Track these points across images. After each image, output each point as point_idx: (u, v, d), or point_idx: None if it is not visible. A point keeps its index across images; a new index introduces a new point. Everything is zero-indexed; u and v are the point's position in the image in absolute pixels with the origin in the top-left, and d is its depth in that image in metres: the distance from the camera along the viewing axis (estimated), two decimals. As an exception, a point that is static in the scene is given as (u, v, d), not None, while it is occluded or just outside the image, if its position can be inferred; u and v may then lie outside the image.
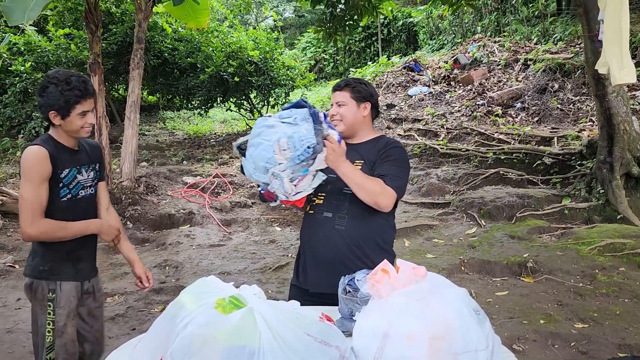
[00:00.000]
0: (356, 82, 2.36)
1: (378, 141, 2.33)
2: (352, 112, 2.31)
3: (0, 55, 8.65)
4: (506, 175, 7.21)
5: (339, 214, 2.23)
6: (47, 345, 2.21)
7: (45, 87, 2.16)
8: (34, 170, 2.14)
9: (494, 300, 4.20)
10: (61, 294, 2.23)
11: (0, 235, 6.30)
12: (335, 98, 2.36)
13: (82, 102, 2.16)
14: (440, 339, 1.34)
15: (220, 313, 1.29)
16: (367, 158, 2.26)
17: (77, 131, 2.22)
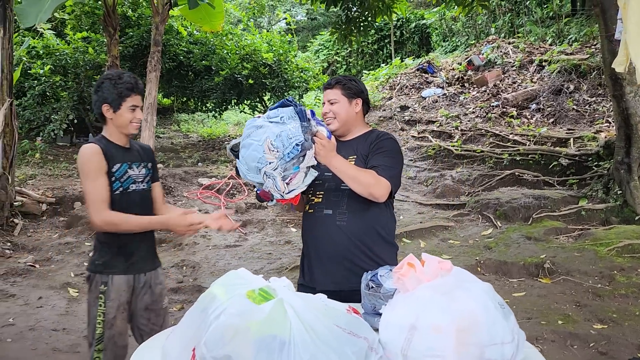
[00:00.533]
0: (346, 79, 2.37)
1: (369, 135, 2.35)
2: (344, 109, 2.33)
3: (20, 58, 8.79)
4: (522, 177, 7.18)
5: (339, 210, 2.25)
6: (97, 337, 2.28)
7: (101, 84, 2.31)
8: (90, 165, 2.25)
9: (511, 301, 4.19)
10: (112, 287, 2.29)
11: (21, 236, 6.41)
12: (326, 96, 2.37)
13: (132, 95, 2.30)
14: (466, 331, 1.36)
15: (252, 303, 1.32)
16: (359, 152, 2.29)
17: (127, 125, 2.31)
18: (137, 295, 2.40)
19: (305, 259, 2.38)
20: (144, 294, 2.41)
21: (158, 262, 2.53)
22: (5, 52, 6.49)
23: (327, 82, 2.41)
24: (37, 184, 7.72)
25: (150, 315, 2.44)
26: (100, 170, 2.25)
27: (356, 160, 2.26)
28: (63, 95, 9.17)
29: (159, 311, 2.47)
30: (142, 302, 2.41)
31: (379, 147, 2.26)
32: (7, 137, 6.53)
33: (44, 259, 5.81)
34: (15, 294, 4.80)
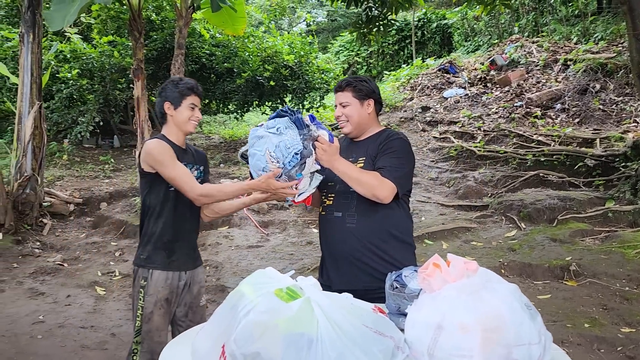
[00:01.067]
0: (356, 80, 2.35)
1: (380, 135, 2.35)
2: (356, 111, 2.32)
3: (49, 62, 8.99)
4: (546, 178, 7.09)
5: (349, 213, 2.27)
6: (136, 329, 2.37)
7: (165, 86, 2.47)
8: (165, 154, 2.33)
9: (536, 304, 4.12)
10: (151, 282, 2.36)
11: (50, 235, 6.56)
12: (338, 99, 2.36)
13: (192, 95, 2.44)
14: (493, 331, 1.36)
15: (280, 301, 1.35)
16: (368, 154, 2.29)
17: (186, 122, 2.43)
18: (178, 295, 2.45)
19: (322, 258, 2.43)
20: (185, 293, 2.47)
21: (199, 260, 2.58)
22: (34, 57, 6.66)
23: (337, 84, 2.40)
24: (65, 185, 7.89)
25: (188, 313, 2.50)
26: (174, 156, 2.34)
27: (365, 161, 2.28)
28: (89, 98, 9.36)
29: (196, 309, 2.53)
30: (183, 299, 2.48)
31: (387, 147, 2.27)
32: (36, 140, 6.70)
33: (72, 258, 5.94)
34: (44, 292, 4.92)
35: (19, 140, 6.61)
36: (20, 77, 6.66)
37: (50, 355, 3.68)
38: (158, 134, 2.52)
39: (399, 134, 2.39)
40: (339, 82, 2.40)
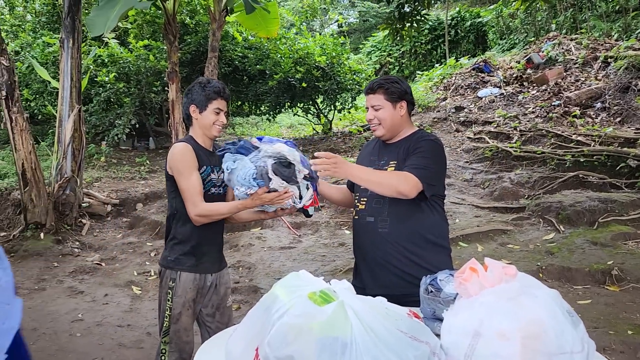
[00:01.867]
0: (388, 82, 2.29)
1: (411, 137, 2.31)
2: (389, 114, 2.27)
3: (88, 67, 9.25)
4: (586, 179, 6.87)
5: (381, 217, 2.24)
6: (164, 329, 2.41)
7: (192, 87, 2.47)
8: (183, 163, 2.36)
9: (575, 309, 3.98)
10: (179, 283, 2.39)
11: (88, 235, 6.73)
12: (369, 101, 2.31)
13: (218, 99, 2.42)
14: (533, 339, 1.31)
15: (314, 304, 1.34)
16: (400, 157, 2.25)
17: (210, 126, 2.42)
18: (204, 295, 2.48)
19: (356, 262, 2.41)
20: (211, 294, 2.50)
21: (224, 262, 2.61)
22: (74, 62, 6.86)
23: (368, 86, 2.34)
24: (102, 186, 8.09)
25: (215, 314, 2.53)
26: (193, 166, 2.36)
27: (396, 165, 2.25)
28: (126, 101, 9.57)
29: (224, 310, 2.56)
30: (210, 301, 2.50)
31: (415, 148, 2.23)
32: (75, 142, 6.89)
33: (109, 257, 6.08)
34: (83, 290, 5.06)
35: (59, 143, 6.81)
36: (61, 81, 6.86)
37: (89, 353, 3.77)
38: (186, 135, 2.54)
39: (431, 135, 2.35)
40: (370, 83, 2.34)
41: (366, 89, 2.35)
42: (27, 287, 5.11)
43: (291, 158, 2.06)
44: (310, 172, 2.12)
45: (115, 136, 9.42)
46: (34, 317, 4.35)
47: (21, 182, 6.24)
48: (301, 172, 2.09)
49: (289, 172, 2.06)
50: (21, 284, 5.16)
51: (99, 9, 5.80)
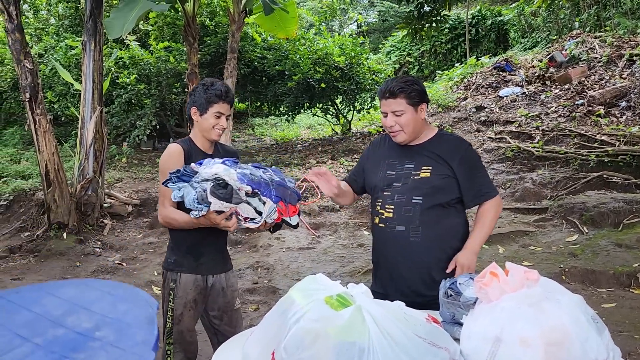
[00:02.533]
0: (408, 85, 2.17)
1: (441, 141, 2.25)
2: (411, 119, 2.18)
3: (109, 69, 9.38)
4: (610, 179, 6.72)
5: (412, 226, 2.17)
6: (167, 331, 2.41)
7: (196, 88, 2.43)
8: (164, 164, 2.36)
9: (600, 313, 3.92)
10: (180, 284, 2.39)
11: (109, 235, 6.82)
12: (388, 106, 2.18)
13: (220, 102, 2.37)
14: (557, 346, 1.28)
15: (331, 309, 1.32)
16: (435, 163, 2.20)
17: (209, 130, 2.39)
18: (208, 296, 2.47)
19: (379, 270, 2.34)
20: (216, 296, 2.49)
21: (229, 265, 2.58)
22: (96, 64, 6.96)
23: (386, 89, 2.18)
24: (123, 187, 8.19)
25: (223, 317, 2.52)
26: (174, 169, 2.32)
27: (432, 171, 2.19)
28: (147, 102, 9.68)
29: (231, 313, 2.55)
30: (216, 304, 2.50)
31: (468, 162, 2.21)
32: (97, 143, 6.99)
33: (130, 257, 6.15)
34: (104, 290, 5.11)
35: (81, 144, 6.91)
36: (83, 83, 6.96)
37: (110, 352, 3.80)
38: (186, 136, 2.51)
39: (463, 140, 2.31)
40: (388, 87, 2.19)
41: (384, 93, 2.20)
42: (50, 286, 5.19)
43: (227, 178, 2.02)
44: (255, 187, 2.05)
45: (137, 137, 9.53)
46: (56, 316, 4.41)
47: (44, 183, 6.35)
48: (241, 189, 2.05)
49: (226, 192, 2.02)
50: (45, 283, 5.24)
51: (118, 11, 5.87)
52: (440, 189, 2.18)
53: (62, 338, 1.51)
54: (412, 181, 2.20)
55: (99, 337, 1.54)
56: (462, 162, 2.19)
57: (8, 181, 8.36)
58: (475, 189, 2.21)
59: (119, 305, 1.74)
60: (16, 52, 6.01)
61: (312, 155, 10.32)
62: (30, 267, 5.80)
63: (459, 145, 2.24)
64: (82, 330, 1.56)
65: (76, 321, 1.60)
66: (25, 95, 6.10)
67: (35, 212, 6.93)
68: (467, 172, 2.19)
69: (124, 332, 1.56)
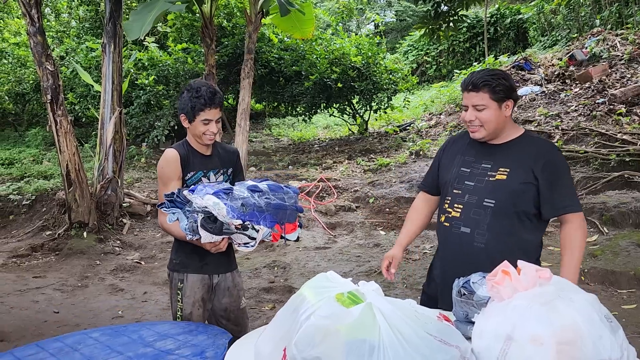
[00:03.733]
0: (494, 78, 2.00)
1: (525, 143, 2.07)
2: (494, 115, 2.01)
3: (128, 70, 9.51)
4: (632, 179, 6.59)
5: (479, 230, 2.04)
6: None
7: (182, 94, 2.40)
8: (163, 171, 2.40)
9: (619, 314, 3.87)
10: (187, 284, 2.42)
11: (129, 235, 6.92)
12: (470, 100, 2.03)
13: (206, 110, 2.32)
14: (569, 345, 1.27)
15: (342, 306, 1.33)
16: (514, 165, 2.04)
17: (200, 137, 2.38)
18: (215, 296, 2.51)
19: (435, 270, 2.25)
20: (222, 296, 2.52)
21: (234, 264, 2.60)
22: (115, 66, 7.06)
23: (469, 81, 2.03)
24: (142, 187, 8.29)
25: (229, 316, 2.55)
26: (172, 177, 2.36)
27: (511, 174, 2.03)
28: (165, 103, 9.80)
29: (237, 312, 2.57)
30: (222, 303, 2.53)
31: (553, 168, 2.02)
32: (117, 144, 7.10)
33: (148, 256, 6.23)
34: (123, 288, 5.19)
35: (101, 145, 7.02)
36: (103, 85, 7.07)
37: (128, 349, 3.86)
38: (184, 139, 2.51)
39: (553, 145, 2.16)
40: (472, 79, 2.03)
41: (466, 85, 2.05)
42: (70, 284, 5.29)
43: (216, 213, 1.98)
44: (247, 218, 2.02)
45: (155, 138, 9.65)
46: (76, 313, 4.50)
47: (65, 183, 6.46)
48: (231, 224, 2.01)
49: (215, 227, 2.01)
50: (65, 281, 5.34)
51: (136, 13, 5.96)
52: (517, 195, 2.03)
53: (149, 354, 1.87)
54: (487, 182, 2.07)
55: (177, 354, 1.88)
56: (546, 167, 2.01)
57: (31, 181, 8.53)
58: (557, 199, 2.01)
59: (199, 336, 2.06)
60: (38, 54, 6.13)
61: (328, 155, 10.34)
62: (51, 266, 5.92)
63: (546, 148, 2.07)
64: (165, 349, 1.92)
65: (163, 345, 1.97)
66: (47, 96, 6.22)
67: (57, 212, 7.06)
68: (550, 179, 2.01)
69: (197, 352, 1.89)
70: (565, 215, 2.05)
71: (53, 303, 4.75)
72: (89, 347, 1.95)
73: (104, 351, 1.91)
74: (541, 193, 2.02)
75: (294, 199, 2.23)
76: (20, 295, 4.92)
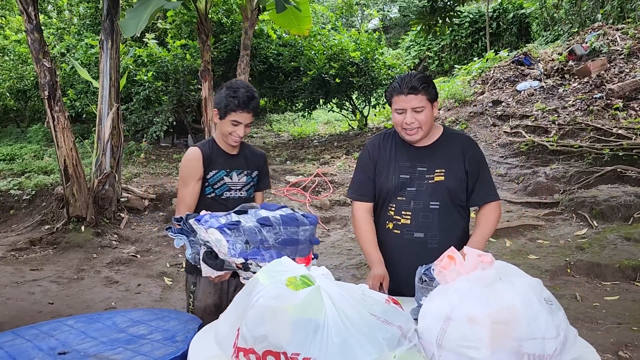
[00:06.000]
0: (425, 81, 2.08)
1: (449, 140, 2.18)
2: (430, 116, 2.10)
3: (126, 66, 9.59)
4: (624, 173, 6.62)
5: (431, 233, 2.14)
6: None
7: (221, 88, 2.37)
8: (184, 170, 2.39)
9: (601, 305, 3.92)
10: (199, 287, 2.40)
11: (126, 229, 7.01)
12: (408, 102, 2.06)
13: (238, 112, 2.29)
14: (503, 324, 1.34)
15: (290, 289, 1.40)
16: (448, 165, 2.15)
17: (226, 136, 2.36)
18: (229, 299, 2.43)
19: (392, 275, 2.22)
20: None
21: None
22: (112, 62, 7.15)
23: (406, 85, 2.05)
24: (141, 182, 8.39)
25: None
26: (192, 177, 2.34)
27: (447, 174, 2.14)
28: (164, 99, 9.88)
29: None
30: None
31: (478, 160, 2.18)
32: (114, 139, 7.19)
33: (144, 250, 6.32)
34: (118, 280, 5.29)
35: (99, 140, 7.12)
36: (100, 81, 7.16)
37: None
38: (211, 136, 2.49)
39: (467, 136, 2.27)
40: (408, 82, 2.06)
41: (402, 89, 2.07)
42: (67, 276, 5.39)
43: (217, 249, 1.93)
44: (251, 257, 1.93)
45: (154, 133, 9.74)
46: (70, 304, 4.59)
47: (63, 178, 6.56)
48: (232, 262, 1.94)
49: (216, 264, 1.97)
50: (62, 274, 5.44)
51: (132, 11, 6.03)
52: (455, 192, 2.16)
53: (122, 339, 1.93)
54: (427, 185, 2.15)
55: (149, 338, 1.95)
56: (472, 160, 2.16)
57: (31, 176, 8.65)
58: (482, 190, 2.18)
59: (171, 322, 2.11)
60: (35, 51, 6.22)
61: (327, 151, 10.40)
62: (49, 259, 6.03)
63: (467, 142, 2.20)
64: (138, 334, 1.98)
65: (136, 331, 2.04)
66: (44, 93, 6.31)
67: (56, 206, 7.17)
68: (476, 171, 2.16)
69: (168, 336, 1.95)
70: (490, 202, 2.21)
71: (48, 295, 4.85)
72: (64, 333, 2.03)
73: (79, 337, 1.98)
74: (470, 184, 2.18)
75: (310, 231, 2.05)
76: (16, 287, 5.02)
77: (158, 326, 2.07)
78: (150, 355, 1.77)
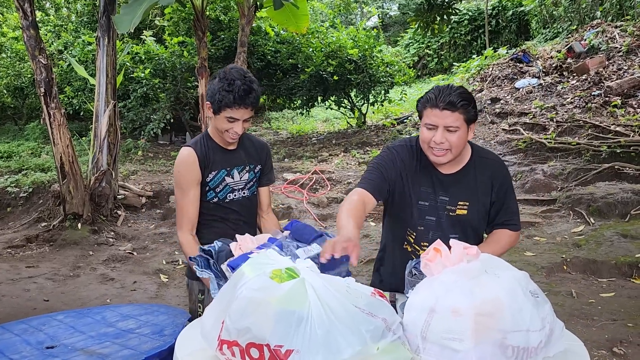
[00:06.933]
0: (466, 98, 1.82)
1: (478, 167, 1.96)
2: (463, 138, 1.85)
3: (123, 63, 9.58)
4: (622, 170, 6.61)
5: None
6: None
7: (215, 77, 2.07)
8: (180, 176, 2.14)
9: (597, 301, 3.92)
10: (208, 295, 2.13)
11: (123, 226, 7.01)
12: (443, 119, 1.80)
13: (233, 108, 2.01)
14: (487, 316, 1.33)
15: (274, 281, 1.39)
16: (474, 198, 1.96)
17: (222, 132, 2.10)
18: None
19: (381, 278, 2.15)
20: None
21: None
22: (109, 59, 7.13)
23: (444, 99, 1.80)
24: (138, 179, 8.38)
25: None
26: (191, 182, 2.12)
27: (470, 208, 1.95)
28: (162, 96, 9.87)
29: None
30: None
31: (504, 191, 1.97)
32: (111, 136, 7.18)
33: (141, 247, 6.32)
34: (114, 277, 5.29)
35: (95, 137, 7.11)
36: (97, 78, 7.15)
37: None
38: (204, 131, 2.25)
39: (499, 158, 2.06)
40: (447, 96, 1.80)
41: (442, 102, 1.80)
42: (63, 273, 5.39)
43: None
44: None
45: (151, 131, 9.73)
46: (65, 301, 4.59)
47: (60, 175, 6.56)
48: None
49: None
50: (58, 271, 5.44)
51: (127, 7, 6.02)
52: (477, 227, 2.01)
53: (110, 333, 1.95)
54: (447, 217, 1.98)
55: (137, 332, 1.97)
56: (501, 188, 1.98)
57: (28, 174, 8.65)
58: (508, 215, 2.00)
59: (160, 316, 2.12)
60: (31, 48, 6.21)
61: (325, 148, 10.38)
62: (45, 256, 6.02)
63: (500, 169, 2.01)
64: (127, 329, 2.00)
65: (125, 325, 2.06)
66: (41, 89, 6.30)
67: (52, 203, 7.16)
68: (503, 199, 1.99)
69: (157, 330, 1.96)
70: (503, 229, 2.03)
71: (44, 292, 4.85)
72: (53, 327, 2.03)
73: (68, 331, 1.98)
74: (491, 214, 2.00)
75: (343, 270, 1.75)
76: (12, 284, 5.02)
77: (147, 320, 2.06)
78: (138, 349, 1.77)
